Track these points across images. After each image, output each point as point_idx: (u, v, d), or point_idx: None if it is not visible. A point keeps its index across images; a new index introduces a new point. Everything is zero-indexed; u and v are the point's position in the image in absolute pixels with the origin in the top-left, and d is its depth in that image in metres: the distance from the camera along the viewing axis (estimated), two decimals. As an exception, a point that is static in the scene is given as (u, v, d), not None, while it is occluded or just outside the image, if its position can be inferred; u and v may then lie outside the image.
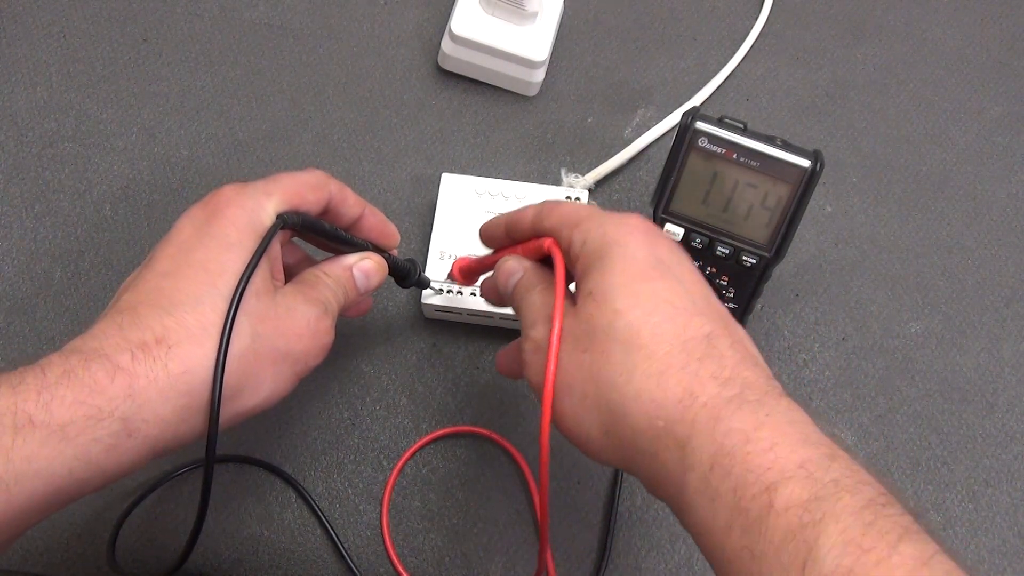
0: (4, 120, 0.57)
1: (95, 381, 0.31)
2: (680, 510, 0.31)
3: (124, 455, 0.31)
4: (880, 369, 0.54)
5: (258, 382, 0.35)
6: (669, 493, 0.31)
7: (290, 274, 0.41)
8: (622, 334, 0.32)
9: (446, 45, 0.59)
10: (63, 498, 0.31)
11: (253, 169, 0.57)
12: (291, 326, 0.36)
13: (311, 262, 0.44)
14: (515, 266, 0.38)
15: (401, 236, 0.47)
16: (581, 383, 0.32)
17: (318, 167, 0.41)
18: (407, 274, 0.47)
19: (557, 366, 0.33)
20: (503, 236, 0.41)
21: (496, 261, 0.42)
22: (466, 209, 0.53)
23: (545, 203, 0.38)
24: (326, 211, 0.41)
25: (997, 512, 0.51)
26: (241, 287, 0.34)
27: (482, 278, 0.48)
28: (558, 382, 0.33)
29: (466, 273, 0.47)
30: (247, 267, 0.35)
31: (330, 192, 0.40)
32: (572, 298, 0.35)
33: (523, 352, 0.36)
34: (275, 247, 0.38)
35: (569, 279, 0.36)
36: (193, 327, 0.33)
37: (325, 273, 0.40)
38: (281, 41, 0.61)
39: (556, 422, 0.34)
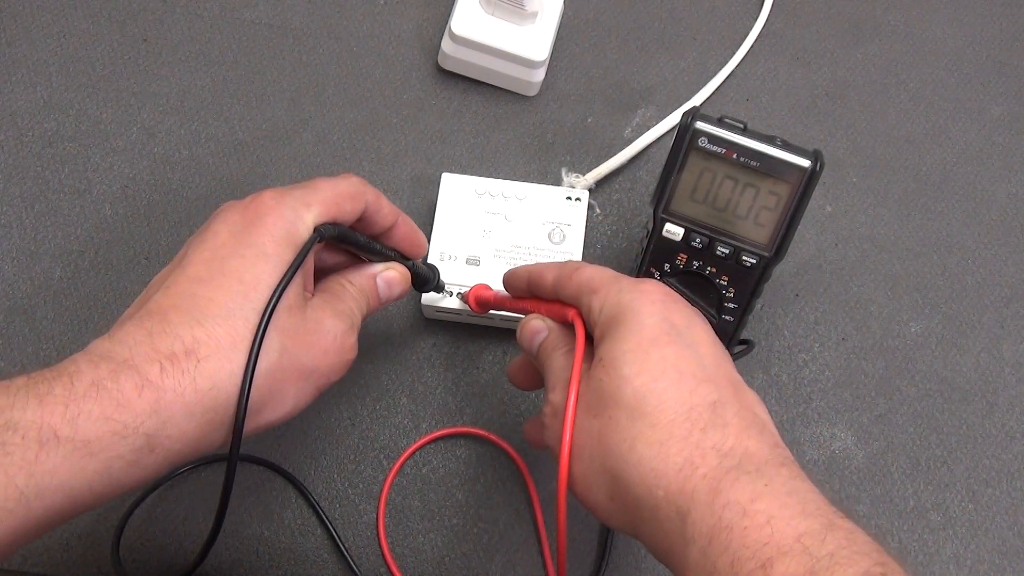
0: (4, 120, 0.57)
1: (123, 395, 0.30)
2: None
3: (144, 470, 0.31)
4: (880, 369, 0.54)
5: (281, 398, 0.35)
6: (671, 562, 0.31)
7: (328, 275, 0.41)
8: (628, 400, 0.32)
9: (446, 45, 0.59)
10: (79, 510, 0.31)
11: (253, 169, 0.57)
12: (318, 341, 0.36)
13: (349, 263, 0.43)
14: (540, 326, 0.39)
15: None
16: (590, 448, 0.33)
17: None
18: (427, 280, 0.47)
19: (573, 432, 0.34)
20: (525, 289, 0.41)
21: (515, 307, 0.43)
22: (466, 209, 0.53)
23: (565, 265, 0.39)
24: (360, 219, 0.40)
25: (997, 512, 0.51)
26: (273, 302, 0.33)
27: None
28: (571, 446, 0.34)
29: (482, 304, 0.47)
30: (281, 281, 0.34)
31: (367, 201, 0.40)
32: (590, 363, 0.35)
33: (543, 414, 0.36)
34: (308, 259, 0.37)
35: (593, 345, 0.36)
36: (223, 340, 0.32)
37: (350, 282, 0.40)
38: (281, 41, 0.61)
39: (569, 485, 0.34)
